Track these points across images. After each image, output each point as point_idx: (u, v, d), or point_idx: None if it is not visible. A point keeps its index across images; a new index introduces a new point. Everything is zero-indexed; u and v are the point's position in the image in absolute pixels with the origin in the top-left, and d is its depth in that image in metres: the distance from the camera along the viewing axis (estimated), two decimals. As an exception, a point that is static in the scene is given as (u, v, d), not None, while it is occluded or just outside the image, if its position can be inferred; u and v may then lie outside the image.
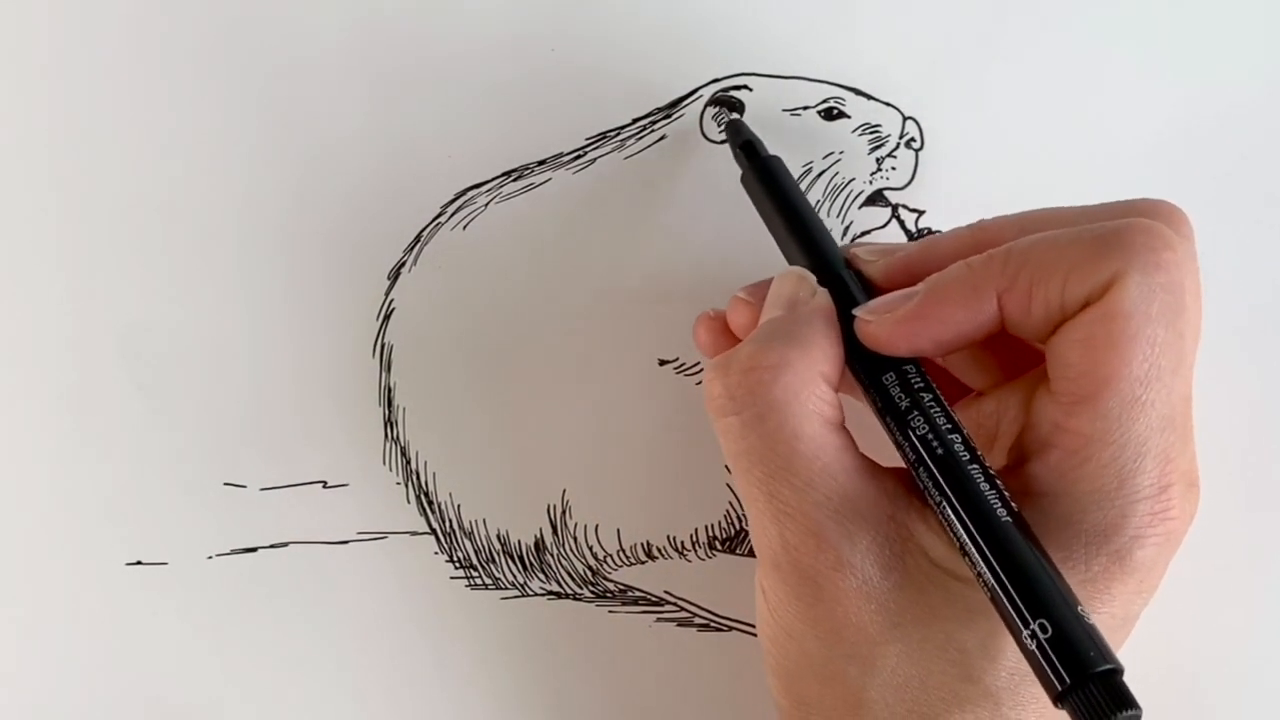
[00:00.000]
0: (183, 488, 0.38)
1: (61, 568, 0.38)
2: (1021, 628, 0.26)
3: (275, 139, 0.39)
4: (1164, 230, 0.29)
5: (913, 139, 0.38)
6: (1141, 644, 0.31)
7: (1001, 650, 0.29)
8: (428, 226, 0.39)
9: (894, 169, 0.38)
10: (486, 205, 0.39)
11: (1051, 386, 0.29)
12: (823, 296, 0.32)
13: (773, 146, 0.37)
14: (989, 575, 0.27)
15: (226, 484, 0.38)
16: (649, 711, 0.38)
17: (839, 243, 0.35)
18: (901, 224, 0.38)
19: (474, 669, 0.38)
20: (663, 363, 0.38)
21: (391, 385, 0.38)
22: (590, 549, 0.38)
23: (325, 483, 0.38)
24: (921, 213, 0.38)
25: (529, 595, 0.38)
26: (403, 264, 0.39)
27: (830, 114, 0.38)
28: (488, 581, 0.38)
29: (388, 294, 0.39)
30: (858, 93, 0.38)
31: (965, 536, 0.28)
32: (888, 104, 0.38)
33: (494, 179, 0.39)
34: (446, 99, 0.39)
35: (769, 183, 0.35)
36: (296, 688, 0.38)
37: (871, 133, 0.38)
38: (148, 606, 0.38)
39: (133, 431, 0.38)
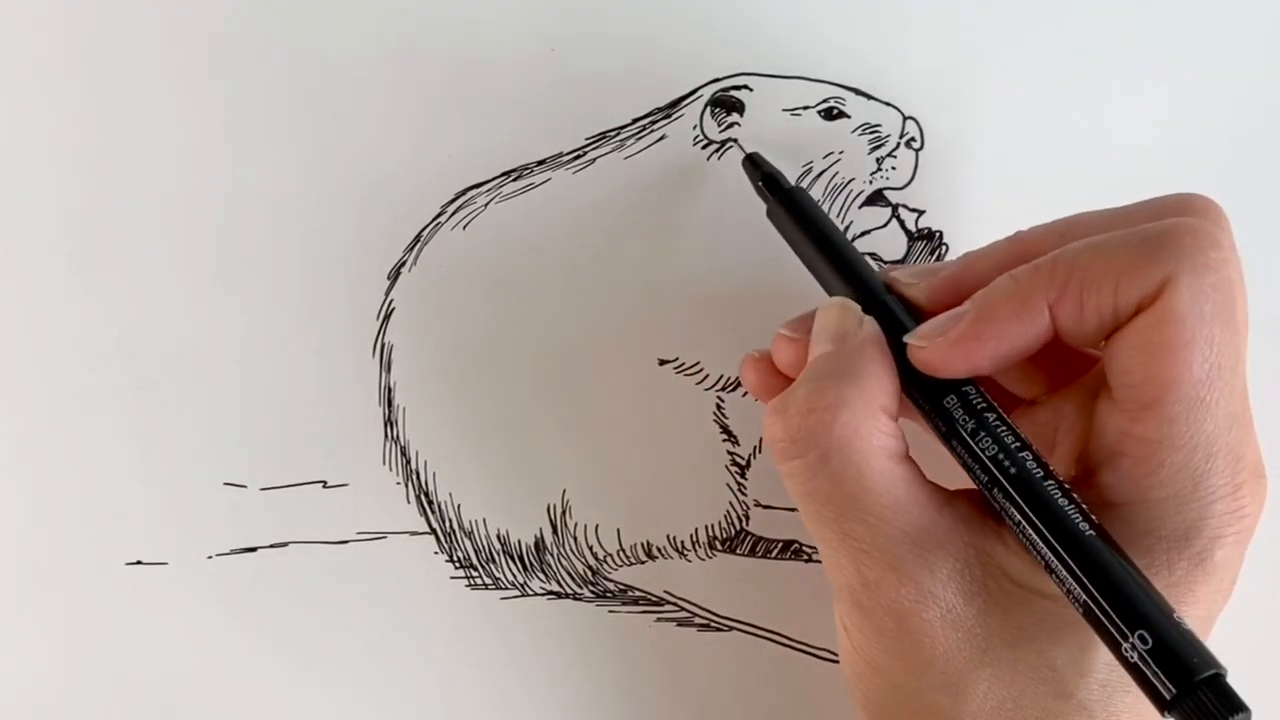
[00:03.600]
0: (183, 488, 0.38)
1: (61, 568, 0.38)
2: (1121, 641, 0.26)
3: (275, 139, 0.39)
4: (1209, 228, 0.29)
5: (913, 139, 0.38)
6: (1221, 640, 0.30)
7: (1092, 663, 0.29)
8: (428, 226, 0.39)
9: (894, 169, 0.38)
10: (486, 205, 0.39)
11: (1114, 394, 0.29)
12: (870, 325, 0.31)
13: (773, 146, 0.37)
14: (1080, 591, 0.27)
15: (226, 484, 0.38)
16: (649, 711, 0.38)
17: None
18: (901, 224, 0.38)
19: (474, 669, 0.38)
20: (663, 363, 0.38)
21: (391, 385, 0.38)
22: (590, 549, 0.38)
23: (325, 483, 0.38)
24: (921, 212, 0.38)
25: (529, 595, 0.38)
26: (403, 264, 0.39)
27: (830, 114, 0.38)
28: (488, 581, 0.38)
29: (388, 294, 0.39)
30: (858, 93, 0.38)
31: (1051, 555, 0.28)
32: (888, 104, 0.38)
33: (494, 179, 0.39)
34: (446, 99, 0.39)
35: (798, 215, 0.35)
36: (297, 688, 0.38)
37: (871, 133, 0.38)
38: (148, 606, 0.38)
39: (133, 431, 0.38)
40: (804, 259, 0.35)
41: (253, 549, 0.38)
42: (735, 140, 0.38)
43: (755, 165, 0.37)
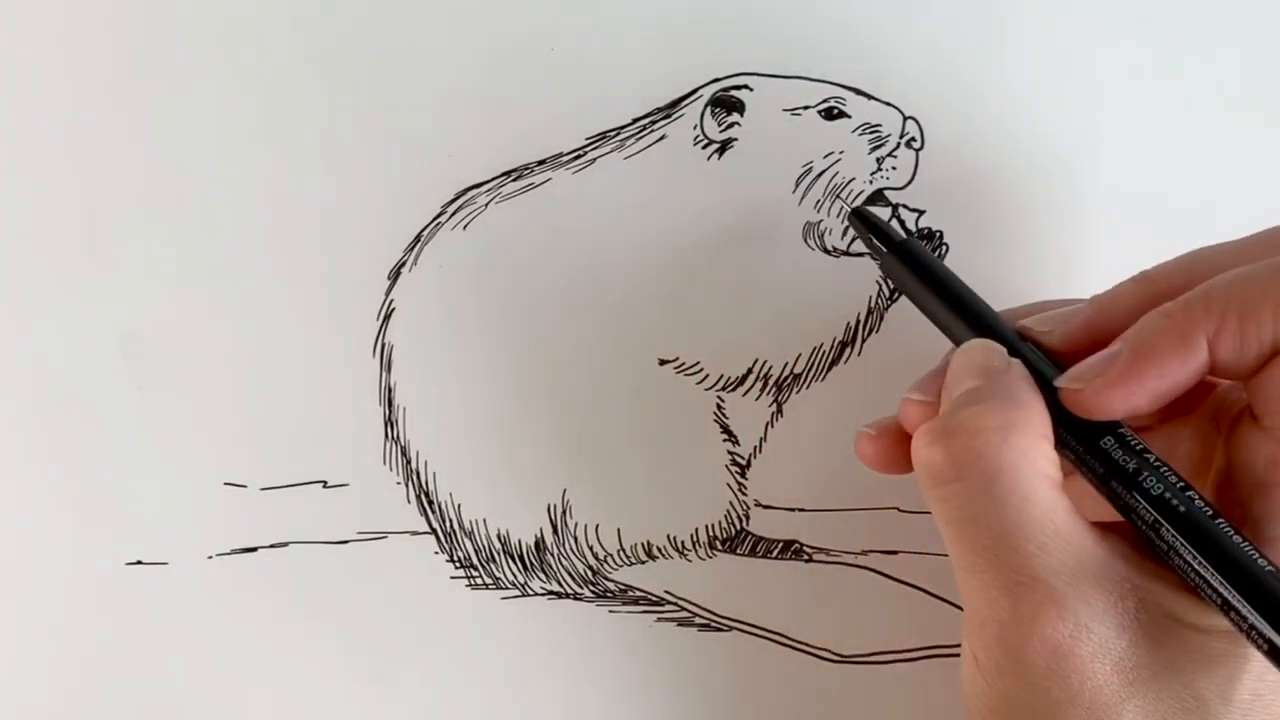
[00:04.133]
0: (183, 488, 0.38)
1: (61, 568, 0.38)
2: None
3: (274, 140, 0.39)
4: None
5: (913, 139, 0.38)
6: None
7: (1237, 693, 0.29)
8: (428, 226, 0.39)
9: (894, 169, 0.38)
10: (486, 205, 0.39)
11: (1263, 422, 0.29)
12: (1019, 364, 0.31)
13: (773, 146, 0.37)
14: (1265, 628, 0.27)
15: (226, 484, 0.38)
16: (649, 711, 0.38)
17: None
18: (902, 224, 0.38)
19: (474, 669, 0.38)
20: (663, 363, 0.38)
21: (392, 385, 0.38)
22: (590, 549, 0.38)
23: (325, 483, 0.38)
24: (921, 212, 0.38)
25: (529, 595, 0.38)
26: (403, 264, 0.39)
27: (830, 114, 0.38)
28: (488, 581, 0.38)
29: (388, 294, 0.39)
30: (858, 93, 0.38)
31: (1227, 594, 0.28)
32: (888, 104, 0.38)
33: (494, 179, 0.39)
34: (446, 99, 0.39)
35: (919, 269, 0.34)
36: (297, 687, 0.38)
37: (871, 132, 0.38)
38: (148, 606, 0.38)
39: (133, 431, 0.38)
40: (925, 309, 0.34)
41: (253, 549, 0.38)
42: (735, 140, 0.38)
43: (864, 220, 0.36)
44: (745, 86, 0.38)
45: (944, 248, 0.38)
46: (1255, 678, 0.29)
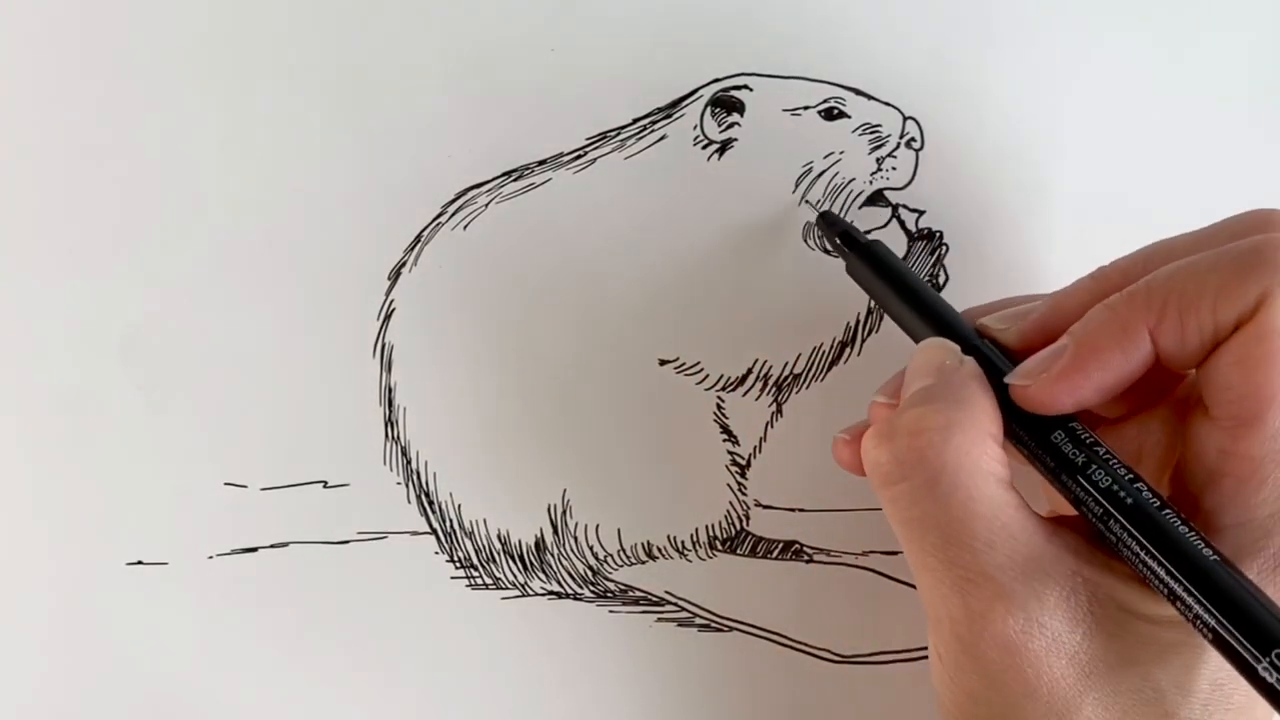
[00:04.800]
0: (183, 488, 0.38)
1: (61, 568, 0.38)
2: (1255, 663, 0.26)
3: (275, 140, 0.39)
4: None
5: (913, 139, 0.38)
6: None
7: (1195, 684, 0.29)
8: (428, 226, 0.39)
9: (894, 169, 0.38)
10: (486, 205, 0.39)
11: (1212, 412, 0.29)
12: (971, 362, 0.31)
13: (773, 146, 0.37)
14: (1209, 618, 0.27)
15: (226, 484, 0.38)
16: (649, 711, 0.38)
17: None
18: (901, 224, 0.38)
19: (474, 669, 0.38)
20: (663, 363, 0.38)
21: (392, 385, 0.38)
22: (591, 549, 0.38)
23: (325, 483, 0.38)
24: (921, 213, 0.38)
25: (529, 595, 0.38)
26: (403, 264, 0.39)
27: (830, 114, 0.38)
28: (488, 581, 0.38)
29: (388, 294, 0.39)
30: (858, 93, 0.38)
31: (1174, 584, 0.28)
32: (888, 104, 0.38)
33: (494, 179, 0.39)
34: (447, 99, 0.39)
35: (881, 269, 0.35)
36: (297, 688, 0.38)
37: (871, 133, 0.38)
38: (148, 606, 0.38)
39: (133, 431, 0.38)
40: (889, 310, 0.35)
41: (253, 549, 0.38)
42: (735, 140, 0.38)
43: (830, 224, 0.36)
44: (745, 86, 0.38)
45: (944, 248, 0.38)
46: (1215, 668, 0.29)
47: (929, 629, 0.31)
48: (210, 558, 0.38)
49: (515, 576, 0.38)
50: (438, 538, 0.38)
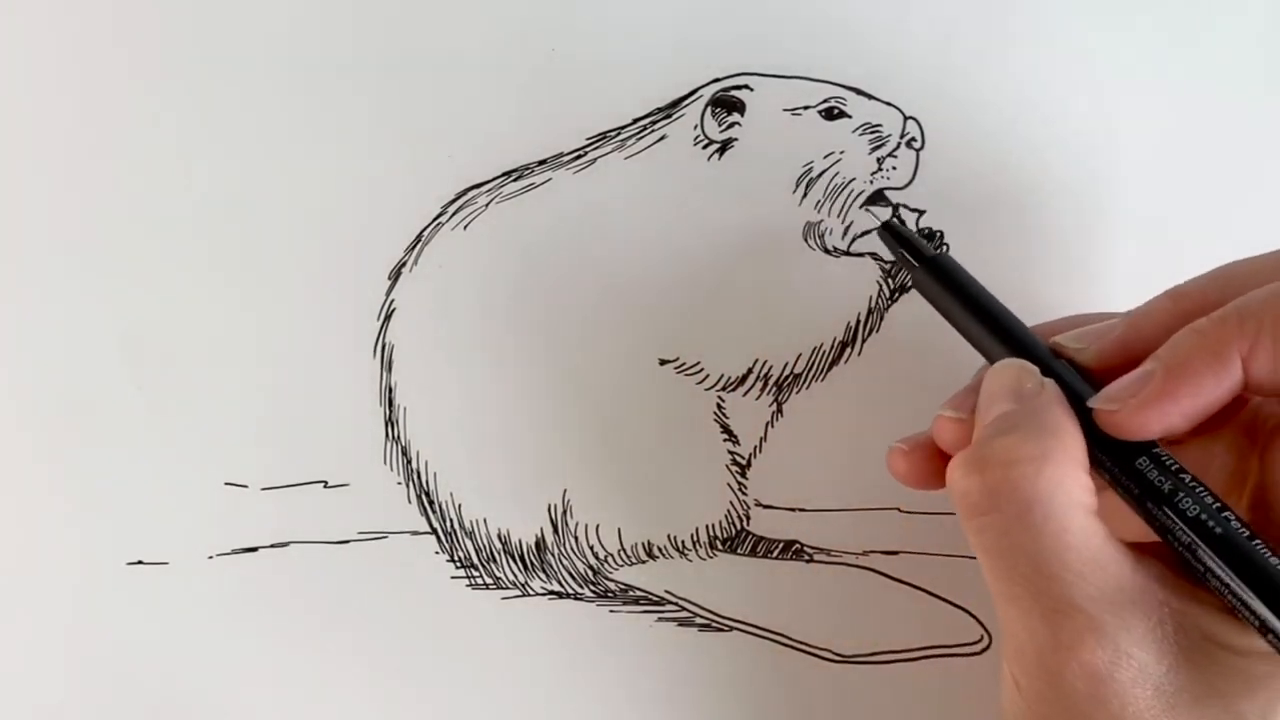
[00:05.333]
0: (183, 488, 0.38)
1: (61, 568, 0.38)
2: None
3: (275, 140, 0.39)
4: None
5: (913, 139, 0.38)
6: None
7: (1276, 715, 0.29)
8: (428, 226, 0.39)
9: (894, 169, 0.38)
10: (486, 205, 0.39)
11: None
12: (1052, 386, 0.31)
13: (773, 146, 0.37)
14: None
15: (226, 484, 0.38)
16: (649, 711, 0.38)
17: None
18: (901, 224, 0.38)
19: (474, 669, 0.38)
20: (663, 363, 0.38)
21: (392, 385, 0.38)
22: (591, 549, 0.38)
23: (325, 483, 0.38)
24: (922, 212, 0.38)
25: (529, 595, 0.38)
26: (403, 264, 0.39)
27: (831, 114, 0.38)
28: (488, 581, 0.38)
29: (388, 294, 0.39)
30: (858, 93, 0.38)
31: (1265, 614, 0.27)
32: (888, 104, 0.38)
33: (494, 179, 0.39)
34: (447, 99, 0.39)
35: (950, 284, 0.34)
36: (297, 687, 0.38)
37: (872, 132, 0.38)
38: (148, 606, 0.38)
39: (133, 431, 0.38)
40: (957, 325, 0.34)
41: (253, 549, 0.38)
42: (735, 140, 0.38)
43: (895, 234, 0.36)
44: (745, 86, 0.38)
45: (944, 248, 0.38)
46: None
47: (1006, 656, 0.30)
48: (210, 558, 0.38)
49: (515, 576, 0.38)
50: (438, 538, 0.38)
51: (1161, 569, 0.29)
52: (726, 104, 0.38)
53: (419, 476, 0.38)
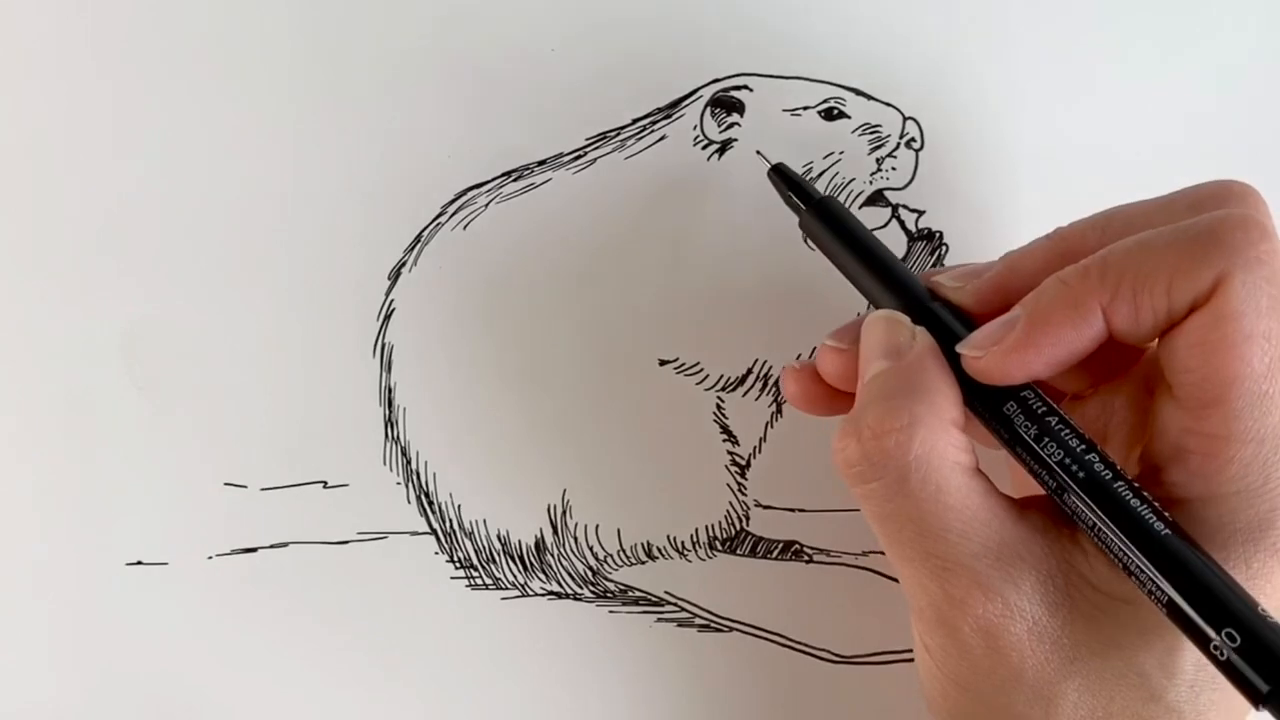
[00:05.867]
0: (183, 488, 0.38)
1: (61, 568, 0.38)
2: (1209, 640, 0.26)
3: (275, 140, 0.39)
4: (1258, 220, 0.28)
5: (913, 139, 0.38)
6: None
7: (1180, 665, 0.29)
8: (428, 226, 0.39)
9: (894, 169, 0.38)
10: (486, 205, 0.39)
11: (1174, 392, 0.29)
12: (924, 337, 0.31)
13: (773, 146, 0.37)
14: (1163, 592, 0.27)
15: (226, 484, 0.39)
16: (649, 711, 0.38)
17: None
18: (901, 224, 0.38)
19: (474, 669, 0.38)
20: (663, 363, 0.38)
21: (392, 385, 0.38)
22: (590, 549, 0.38)
23: (325, 483, 0.38)
24: (921, 213, 0.38)
25: (529, 595, 0.38)
26: (403, 264, 0.39)
27: (830, 114, 0.38)
28: (488, 581, 0.38)
29: (388, 294, 0.39)
30: (858, 93, 0.38)
31: (1130, 556, 0.27)
32: (888, 104, 0.38)
33: (494, 179, 0.39)
34: (447, 99, 0.39)
35: (833, 225, 0.34)
36: (297, 688, 0.38)
37: (871, 133, 0.38)
38: (148, 606, 0.38)
39: (133, 431, 0.38)
40: (842, 268, 0.34)
41: (253, 549, 0.38)
42: (735, 140, 0.38)
43: (782, 176, 0.36)
44: (745, 87, 0.38)
45: (944, 248, 0.38)
46: None
47: (913, 622, 0.31)
48: (210, 558, 0.38)
49: (515, 577, 0.38)
50: (438, 538, 0.38)
51: (1045, 521, 0.30)
52: (726, 104, 0.38)
53: (419, 477, 0.38)
